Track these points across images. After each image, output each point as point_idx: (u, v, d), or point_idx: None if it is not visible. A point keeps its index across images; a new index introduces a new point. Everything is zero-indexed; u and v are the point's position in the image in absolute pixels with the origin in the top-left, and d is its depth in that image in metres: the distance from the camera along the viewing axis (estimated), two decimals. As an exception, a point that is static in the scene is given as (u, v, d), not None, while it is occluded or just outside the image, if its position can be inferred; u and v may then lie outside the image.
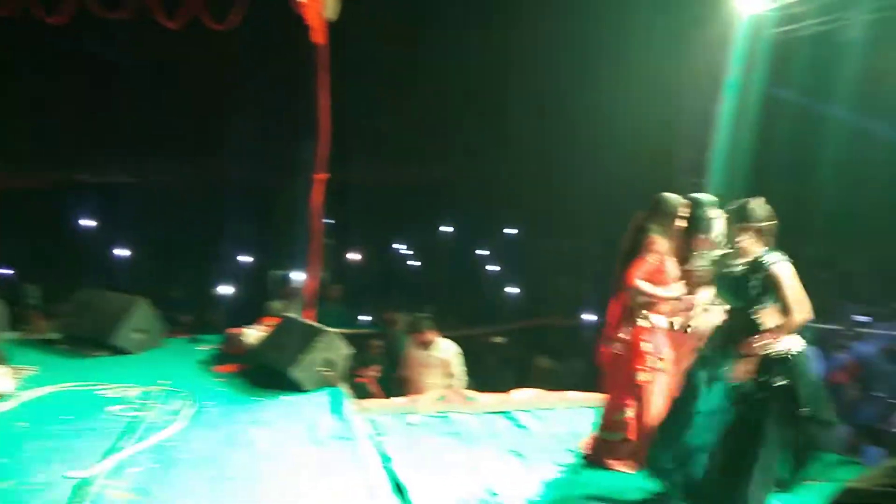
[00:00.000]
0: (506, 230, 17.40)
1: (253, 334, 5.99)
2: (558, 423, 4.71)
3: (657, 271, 3.84)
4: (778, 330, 3.12)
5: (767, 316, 3.16)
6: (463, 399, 5.09)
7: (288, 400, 4.90)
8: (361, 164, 14.78)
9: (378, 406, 5.10)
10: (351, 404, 4.90)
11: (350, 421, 4.55)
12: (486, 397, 5.22)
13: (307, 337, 5.24)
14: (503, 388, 5.66)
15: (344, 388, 5.19)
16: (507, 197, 15.75)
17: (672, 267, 3.92)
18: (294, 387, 5.01)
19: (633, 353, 3.84)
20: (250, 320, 6.44)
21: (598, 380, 4.20)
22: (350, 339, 5.74)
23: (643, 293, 3.76)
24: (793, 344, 3.13)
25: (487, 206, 16.20)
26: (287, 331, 5.59)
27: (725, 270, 3.36)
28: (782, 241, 3.99)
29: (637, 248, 3.84)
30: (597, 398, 5.23)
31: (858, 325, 7.81)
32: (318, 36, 6.07)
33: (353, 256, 14.26)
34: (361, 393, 5.77)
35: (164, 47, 10.00)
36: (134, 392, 4.78)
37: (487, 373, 8.04)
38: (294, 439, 4.16)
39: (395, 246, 16.68)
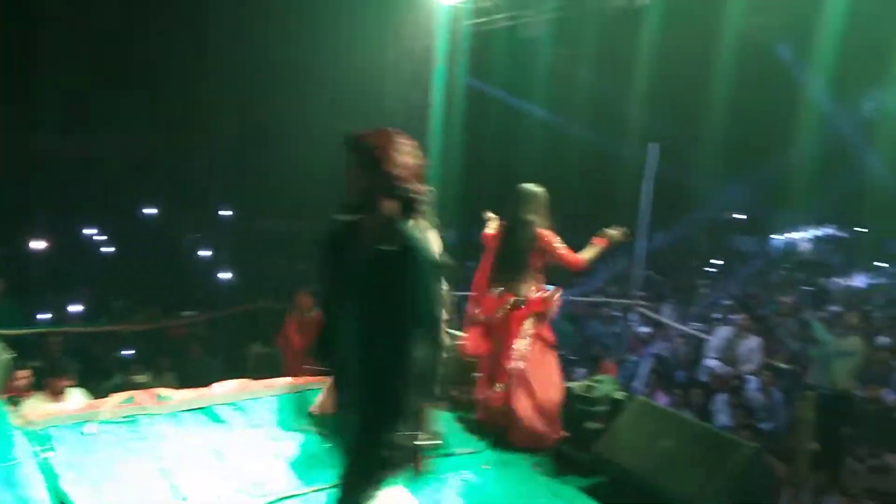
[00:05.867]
0: (219, 212, 16.46)
1: None
2: (260, 414, 4.44)
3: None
4: None
5: None
6: (155, 398, 4.55)
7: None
8: (49, 133, 12.89)
9: (48, 416, 4.32)
10: (12, 419, 4.10)
11: (11, 439, 3.80)
12: (184, 393, 4.73)
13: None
14: (211, 380, 5.20)
15: (3, 401, 4.32)
16: (217, 176, 14.88)
17: None
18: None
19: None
20: None
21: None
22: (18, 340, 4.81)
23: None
24: None
25: (197, 185, 15.14)
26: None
27: None
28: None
29: (530, 243, 4.10)
30: (304, 382, 5.11)
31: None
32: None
33: (37, 244, 12.26)
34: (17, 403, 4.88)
35: None
36: None
37: (192, 365, 7.49)
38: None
39: (86, 231, 14.71)
